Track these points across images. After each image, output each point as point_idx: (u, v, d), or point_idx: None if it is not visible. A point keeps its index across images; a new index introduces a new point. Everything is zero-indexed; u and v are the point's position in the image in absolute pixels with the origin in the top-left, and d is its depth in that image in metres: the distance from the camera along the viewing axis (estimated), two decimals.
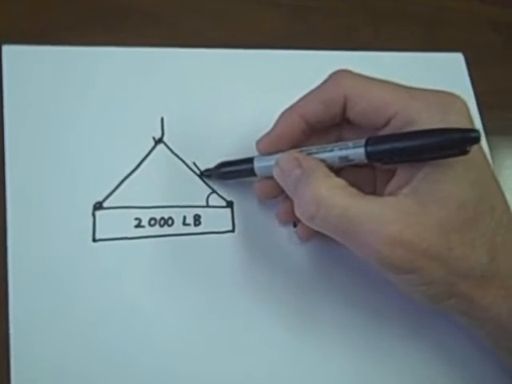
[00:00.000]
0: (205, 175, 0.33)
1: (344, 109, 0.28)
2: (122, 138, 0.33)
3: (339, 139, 0.30)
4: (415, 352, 0.32)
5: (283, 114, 0.30)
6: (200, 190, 0.33)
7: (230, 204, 0.33)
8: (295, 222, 0.32)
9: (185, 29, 0.37)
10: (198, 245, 0.31)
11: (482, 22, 0.45)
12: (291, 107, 0.29)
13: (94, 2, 0.36)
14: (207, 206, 0.32)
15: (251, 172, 0.31)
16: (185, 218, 0.32)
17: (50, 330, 0.28)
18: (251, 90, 0.36)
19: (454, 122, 0.25)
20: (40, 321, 0.28)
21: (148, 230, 0.31)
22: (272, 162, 0.29)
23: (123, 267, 0.30)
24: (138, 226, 0.31)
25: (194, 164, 0.33)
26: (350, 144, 0.27)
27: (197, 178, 0.33)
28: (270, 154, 0.29)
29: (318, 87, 0.29)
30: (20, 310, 0.28)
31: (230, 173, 0.32)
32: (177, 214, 0.32)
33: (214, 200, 0.33)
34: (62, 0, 0.36)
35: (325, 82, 0.29)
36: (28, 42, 0.33)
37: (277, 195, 0.31)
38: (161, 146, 0.33)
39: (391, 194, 0.27)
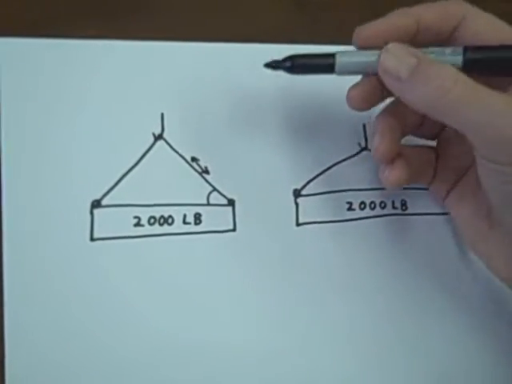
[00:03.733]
0: (271, 66, 0.29)
1: (458, 25, 0.28)
2: (120, 134, 0.32)
3: None
4: (426, 344, 0.32)
5: (395, 12, 0.29)
6: (201, 187, 0.32)
7: (231, 202, 0.32)
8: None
9: (185, 22, 0.36)
10: (198, 244, 0.31)
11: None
12: (406, 8, 0.29)
13: None
14: (208, 204, 0.32)
15: (329, 68, 0.28)
16: (185, 216, 0.31)
17: (45, 330, 0.28)
18: (253, 84, 0.35)
19: None
20: (36, 321, 0.28)
21: (147, 229, 0.30)
22: (361, 58, 0.28)
23: (122, 267, 0.30)
24: (138, 224, 0.30)
25: (195, 161, 0.32)
26: (447, 51, 0.27)
27: (198, 176, 0.32)
28: (369, 46, 0.28)
29: (436, 1, 0.28)
30: (15, 309, 0.28)
31: (301, 67, 0.29)
32: (177, 213, 0.31)
33: (215, 198, 0.32)
34: None
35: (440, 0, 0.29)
36: (23, 35, 0.32)
37: (374, 103, 0.29)
38: (161, 143, 0.32)
39: None
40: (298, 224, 0.33)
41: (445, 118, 0.26)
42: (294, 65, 0.29)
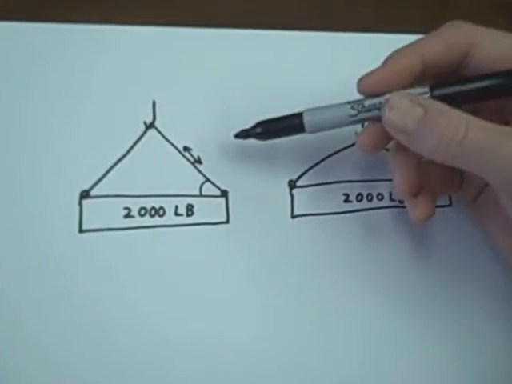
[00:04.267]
0: (241, 136, 0.30)
1: (466, 53, 0.27)
2: (110, 123, 0.31)
3: None
4: (425, 335, 0.32)
5: (399, 51, 0.28)
6: (193, 178, 0.31)
7: (224, 193, 0.31)
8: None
9: (180, 7, 0.35)
10: (190, 236, 0.30)
11: (487, 3, 0.43)
12: (409, 45, 0.28)
13: None
14: (200, 195, 0.31)
15: (299, 128, 0.28)
16: (177, 207, 0.30)
17: (33, 323, 0.27)
18: (247, 72, 0.34)
19: None
20: (23, 314, 0.27)
21: (138, 221, 0.30)
22: (330, 114, 0.27)
23: (111, 259, 0.29)
24: (128, 215, 0.30)
25: (187, 150, 0.31)
26: (413, 91, 0.26)
27: (190, 166, 0.31)
28: (375, 93, 0.27)
29: (440, 31, 0.28)
30: (2, 303, 0.27)
31: (271, 132, 0.29)
32: (168, 204, 0.30)
33: (208, 189, 0.31)
34: None
35: (445, 27, 0.28)
36: (16, 19, 0.31)
37: (384, 144, 0.28)
38: (152, 131, 0.31)
39: None
40: (293, 216, 0.32)
41: (460, 165, 0.25)
42: (264, 131, 0.29)
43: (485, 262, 0.34)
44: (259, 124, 0.29)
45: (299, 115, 0.28)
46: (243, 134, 0.30)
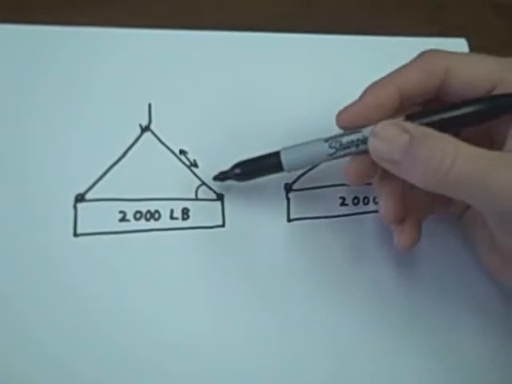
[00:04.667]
0: (219, 179, 0.30)
1: (443, 81, 0.27)
2: (106, 126, 0.31)
3: None
4: (420, 337, 0.31)
5: (375, 83, 0.27)
6: (189, 181, 0.31)
7: (220, 197, 0.31)
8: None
9: (176, 9, 0.35)
10: (186, 240, 0.30)
11: (486, 5, 0.43)
12: (385, 77, 0.27)
13: None
14: (196, 198, 0.31)
15: (277, 167, 0.28)
16: (172, 211, 0.30)
17: (27, 327, 0.27)
18: (244, 75, 0.34)
19: None
20: (18, 318, 0.27)
21: (133, 224, 0.30)
22: (306, 152, 0.27)
23: (106, 263, 0.29)
24: (123, 219, 0.29)
25: (183, 153, 0.31)
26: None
27: (185, 169, 0.31)
28: (354, 127, 0.27)
29: (416, 60, 0.27)
30: None
31: (250, 173, 0.29)
32: (164, 207, 0.30)
33: (204, 192, 0.31)
34: None
35: (421, 55, 0.27)
36: (10, 21, 0.31)
37: (372, 175, 0.28)
38: (148, 134, 0.31)
39: None
40: (289, 219, 0.32)
41: (448, 194, 0.24)
42: (242, 172, 0.29)
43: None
44: (237, 165, 0.29)
45: (276, 154, 0.28)
46: (221, 177, 0.30)
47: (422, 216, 0.30)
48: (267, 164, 0.29)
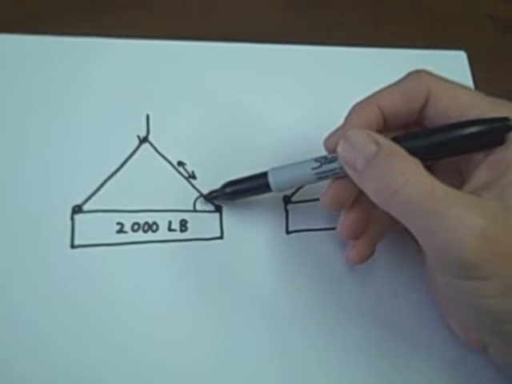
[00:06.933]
0: (209, 198, 0.31)
1: (424, 106, 0.27)
2: (104, 137, 0.31)
3: None
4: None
5: (358, 105, 0.27)
6: (187, 193, 0.31)
7: (218, 209, 0.31)
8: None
9: (175, 20, 0.35)
10: (183, 252, 0.30)
11: (484, 18, 0.43)
12: (368, 98, 0.27)
13: None
14: (194, 210, 0.31)
15: (265, 187, 0.28)
16: (170, 222, 0.30)
17: (23, 338, 0.27)
18: (241, 86, 0.34)
19: None
20: (14, 330, 0.27)
21: (131, 236, 0.29)
22: (294, 172, 0.27)
23: (104, 275, 0.28)
24: (120, 231, 0.29)
25: (181, 165, 0.31)
26: None
27: (183, 180, 0.31)
28: None
29: (399, 82, 0.27)
30: None
31: (239, 192, 0.30)
32: (162, 219, 0.30)
33: (202, 204, 0.31)
34: None
35: (405, 78, 0.27)
36: (6, 31, 0.31)
37: (349, 201, 0.28)
38: (146, 146, 0.31)
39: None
40: (288, 232, 0.31)
41: (393, 214, 0.24)
42: (231, 192, 0.29)
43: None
44: (228, 184, 0.30)
45: (264, 175, 0.28)
46: (211, 196, 0.30)
47: (379, 234, 0.30)
48: (255, 185, 0.29)
